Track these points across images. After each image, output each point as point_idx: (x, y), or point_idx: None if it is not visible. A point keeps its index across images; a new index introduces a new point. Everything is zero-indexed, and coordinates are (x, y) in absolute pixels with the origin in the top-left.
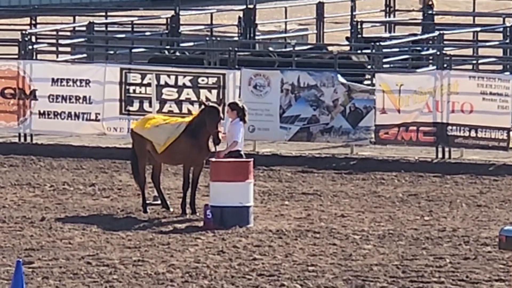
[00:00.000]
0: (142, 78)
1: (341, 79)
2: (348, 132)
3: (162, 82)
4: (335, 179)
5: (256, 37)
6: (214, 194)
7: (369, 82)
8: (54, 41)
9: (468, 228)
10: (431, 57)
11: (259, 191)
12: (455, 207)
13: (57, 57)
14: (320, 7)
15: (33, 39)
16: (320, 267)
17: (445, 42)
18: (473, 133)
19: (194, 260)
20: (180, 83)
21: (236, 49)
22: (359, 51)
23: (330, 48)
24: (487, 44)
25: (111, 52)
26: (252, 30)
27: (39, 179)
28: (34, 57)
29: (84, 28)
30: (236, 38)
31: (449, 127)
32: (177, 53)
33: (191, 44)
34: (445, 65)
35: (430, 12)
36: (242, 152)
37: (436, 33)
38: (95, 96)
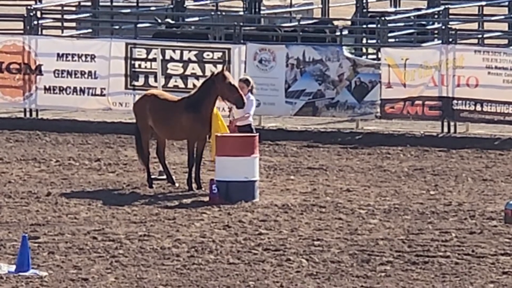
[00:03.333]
0: (148, 53)
1: (346, 53)
2: (354, 107)
3: (167, 57)
4: (340, 154)
5: (261, 12)
6: (220, 169)
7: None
8: (59, 16)
9: (474, 202)
10: (436, 31)
11: (265, 166)
12: (461, 181)
13: (62, 32)
14: None
15: (38, 14)
16: (326, 241)
17: (450, 16)
18: (478, 107)
19: (200, 234)
20: (185, 58)
21: (241, 23)
22: (364, 26)
23: (335, 22)
24: (493, 18)
25: (116, 27)
26: (257, 4)
27: (44, 154)
28: (40, 32)
29: (89, 3)
30: (241, 13)
31: (455, 101)
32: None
33: (196, 18)
34: (450, 39)
35: None
36: (253, 126)
37: (442, 7)
38: (101, 71)
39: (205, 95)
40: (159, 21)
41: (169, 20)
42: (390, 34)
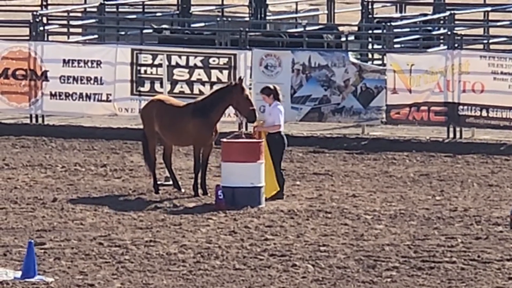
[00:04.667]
0: (153, 59)
1: (352, 59)
2: (359, 112)
3: (173, 63)
4: (346, 159)
5: (267, 18)
6: (226, 175)
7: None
8: (65, 22)
9: (480, 208)
10: (442, 37)
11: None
12: (467, 186)
13: (68, 38)
14: None
15: (44, 20)
16: (331, 247)
17: (456, 21)
18: (484, 113)
19: (206, 240)
20: (191, 63)
21: (247, 29)
22: (370, 31)
23: (341, 28)
24: (498, 23)
25: (122, 33)
26: (263, 10)
27: (50, 160)
28: (46, 38)
29: (95, 9)
30: (247, 19)
31: (460, 107)
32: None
33: (202, 24)
34: (456, 45)
35: None
36: (283, 134)
37: (447, 12)
38: (106, 77)
39: (217, 102)
40: (155, 27)
41: (165, 25)
42: (395, 40)
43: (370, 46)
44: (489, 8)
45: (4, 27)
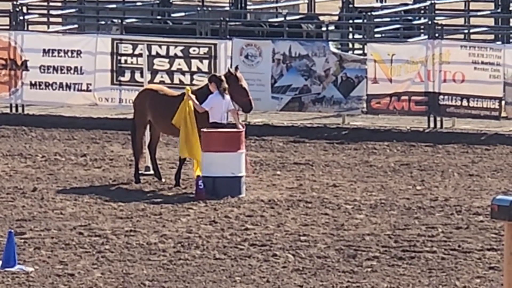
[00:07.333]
0: (134, 49)
1: (332, 48)
2: (340, 102)
3: (153, 53)
4: (327, 149)
5: (247, 7)
6: (206, 165)
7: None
8: (45, 11)
9: (460, 198)
10: (422, 27)
11: (251, 161)
12: (447, 176)
13: (48, 27)
14: None
15: (24, 10)
16: (312, 236)
17: (436, 11)
18: (465, 103)
19: (186, 230)
20: (171, 53)
21: (227, 19)
22: (350, 21)
23: (321, 18)
24: (479, 13)
25: (102, 22)
26: (243, 0)
27: (30, 149)
28: (26, 28)
29: None
30: (227, 8)
31: (441, 97)
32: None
33: (183, 14)
34: (436, 35)
35: None
36: (221, 123)
37: (428, 2)
38: (87, 66)
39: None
40: (115, 22)
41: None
42: (376, 30)
43: (350, 36)
44: None
45: None
